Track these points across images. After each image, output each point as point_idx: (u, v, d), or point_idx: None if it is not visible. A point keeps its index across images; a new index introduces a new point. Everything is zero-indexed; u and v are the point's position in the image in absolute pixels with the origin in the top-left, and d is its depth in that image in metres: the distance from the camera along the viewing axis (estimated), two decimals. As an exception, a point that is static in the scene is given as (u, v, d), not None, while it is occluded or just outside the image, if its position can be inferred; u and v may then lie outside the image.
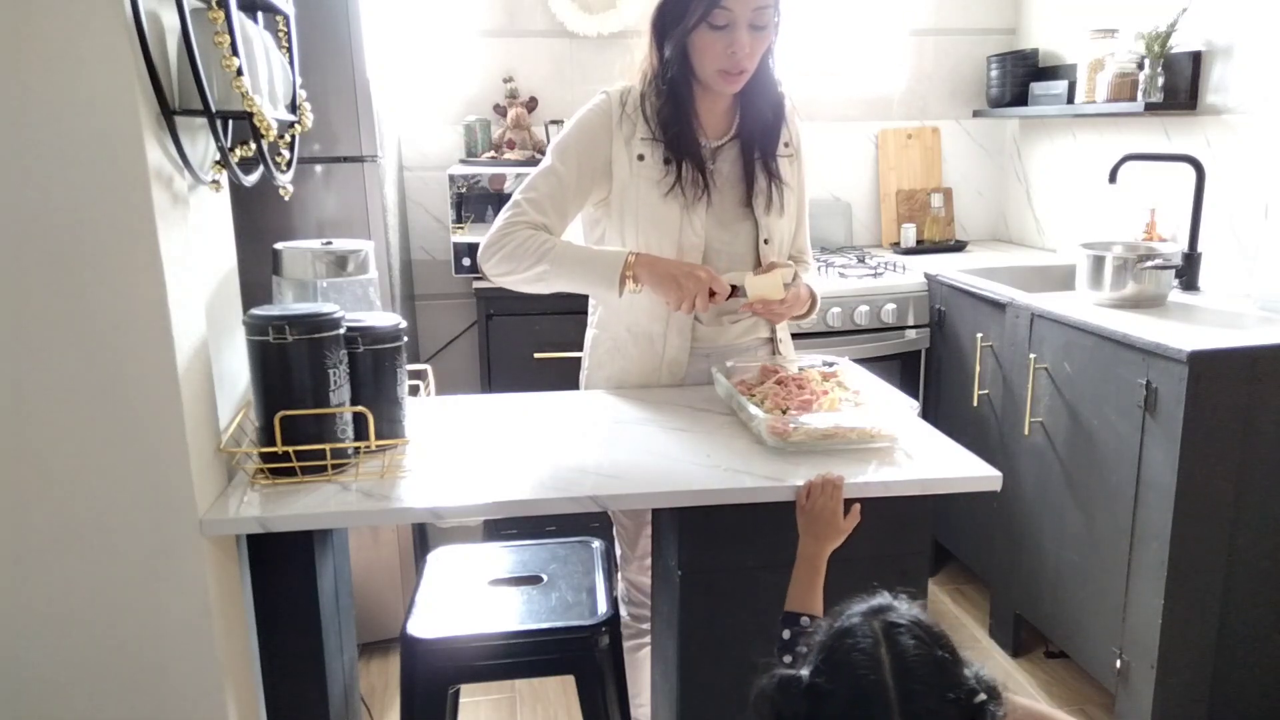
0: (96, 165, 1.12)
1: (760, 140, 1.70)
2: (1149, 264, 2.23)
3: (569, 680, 1.60)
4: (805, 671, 0.90)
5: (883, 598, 0.94)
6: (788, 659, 1.18)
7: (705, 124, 1.69)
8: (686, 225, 1.67)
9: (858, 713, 0.86)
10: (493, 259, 1.65)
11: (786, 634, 1.21)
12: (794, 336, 1.93)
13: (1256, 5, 2.30)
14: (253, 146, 1.29)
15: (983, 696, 0.87)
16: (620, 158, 1.66)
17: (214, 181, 1.31)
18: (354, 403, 1.39)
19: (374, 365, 1.42)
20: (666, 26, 1.61)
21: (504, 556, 1.73)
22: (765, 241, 1.72)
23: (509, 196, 2.76)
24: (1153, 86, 2.51)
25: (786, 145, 1.75)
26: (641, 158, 1.65)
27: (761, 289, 1.62)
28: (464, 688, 1.62)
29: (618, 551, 1.88)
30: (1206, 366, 1.86)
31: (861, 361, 1.87)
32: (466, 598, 1.57)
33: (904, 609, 0.92)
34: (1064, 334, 2.21)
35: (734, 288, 1.64)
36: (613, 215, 1.69)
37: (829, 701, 0.87)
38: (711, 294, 1.59)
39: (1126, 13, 2.70)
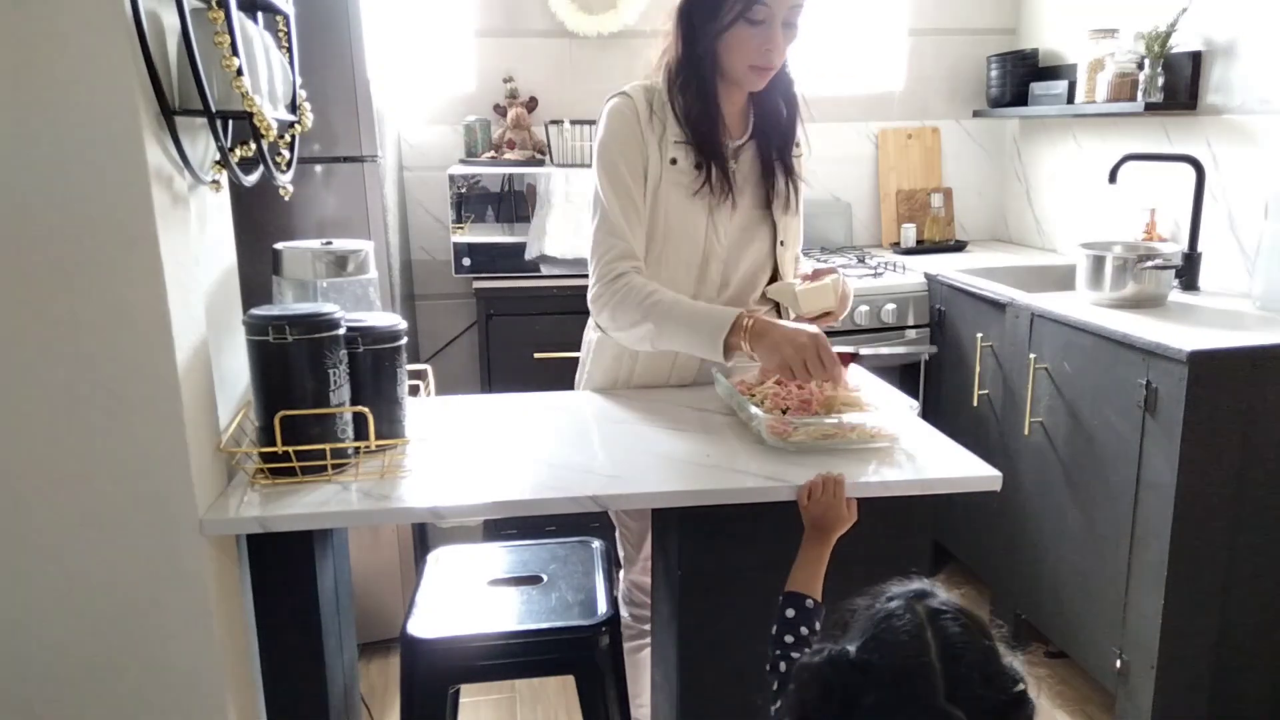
0: (96, 165, 1.12)
1: (777, 139, 1.69)
2: (1149, 264, 2.23)
3: (569, 680, 1.60)
4: (852, 647, 0.91)
5: (921, 582, 0.96)
6: (789, 639, 1.18)
7: (726, 122, 1.67)
8: (711, 230, 1.65)
9: (905, 690, 0.87)
10: (603, 313, 1.64)
11: (791, 612, 1.20)
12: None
13: (1256, 5, 2.30)
14: (253, 146, 1.29)
15: (1022, 685, 0.88)
16: (653, 157, 1.63)
17: (214, 181, 1.31)
18: (354, 403, 1.39)
19: (374, 365, 1.42)
20: (697, 22, 1.58)
21: (504, 556, 1.73)
22: (781, 244, 1.72)
23: (508, 198, 2.77)
24: (1153, 86, 2.51)
25: (797, 145, 1.74)
26: (674, 161, 1.63)
27: (814, 303, 1.59)
28: (464, 688, 1.62)
29: (620, 553, 1.88)
30: (1206, 366, 1.86)
31: (861, 361, 1.87)
32: (466, 598, 1.57)
33: (944, 595, 0.94)
34: (1064, 334, 2.21)
35: (851, 354, 1.55)
36: (643, 213, 1.67)
37: (877, 676, 0.89)
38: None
39: (1126, 13, 2.70)
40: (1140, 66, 2.56)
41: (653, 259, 1.66)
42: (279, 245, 1.57)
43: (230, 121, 1.27)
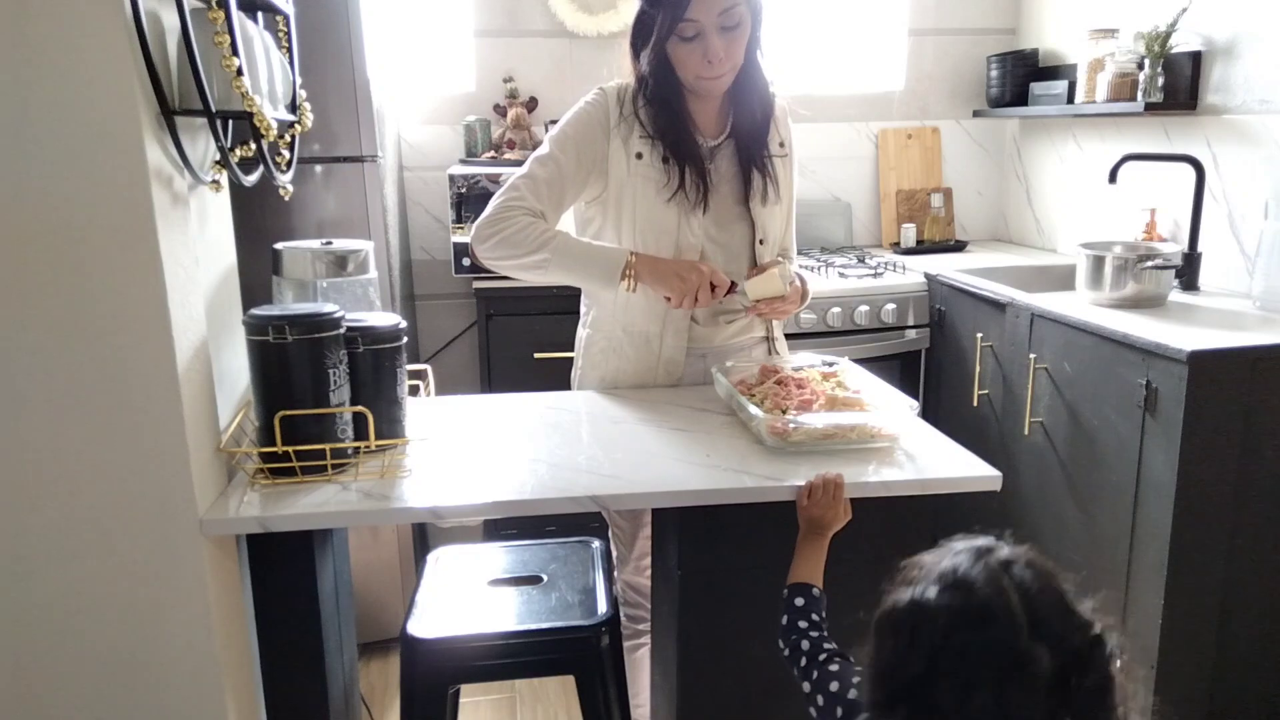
0: (96, 165, 1.12)
1: (754, 135, 1.70)
2: (1149, 264, 2.23)
3: (569, 680, 1.60)
4: (931, 593, 0.92)
5: (986, 538, 0.98)
6: (803, 623, 1.19)
7: (700, 122, 1.69)
8: (685, 226, 1.67)
9: (989, 633, 0.88)
10: (488, 242, 1.63)
11: (800, 601, 1.21)
12: (794, 336, 1.93)
13: (1256, 5, 2.30)
14: (253, 146, 1.29)
15: (1098, 627, 0.91)
16: (617, 156, 1.66)
17: (214, 181, 1.31)
18: (354, 403, 1.39)
19: (374, 365, 1.42)
20: (640, 43, 1.62)
21: (504, 556, 1.73)
22: (761, 241, 1.72)
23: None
24: (1153, 86, 2.51)
25: (782, 145, 1.75)
26: (640, 156, 1.65)
27: (762, 289, 1.63)
28: (464, 688, 1.62)
29: (614, 553, 1.88)
30: (1206, 366, 1.85)
31: (861, 361, 1.87)
32: (466, 598, 1.57)
33: (1010, 547, 0.97)
34: (1064, 334, 2.21)
35: (732, 283, 1.64)
36: (609, 214, 1.69)
37: (960, 619, 0.90)
38: (712, 288, 1.60)
39: (1126, 13, 2.70)
40: (1140, 66, 2.56)
41: None
42: (279, 245, 1.57)
43: (230, 121, 1.28)
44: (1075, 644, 0.89)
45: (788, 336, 1.92)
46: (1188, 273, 2.41)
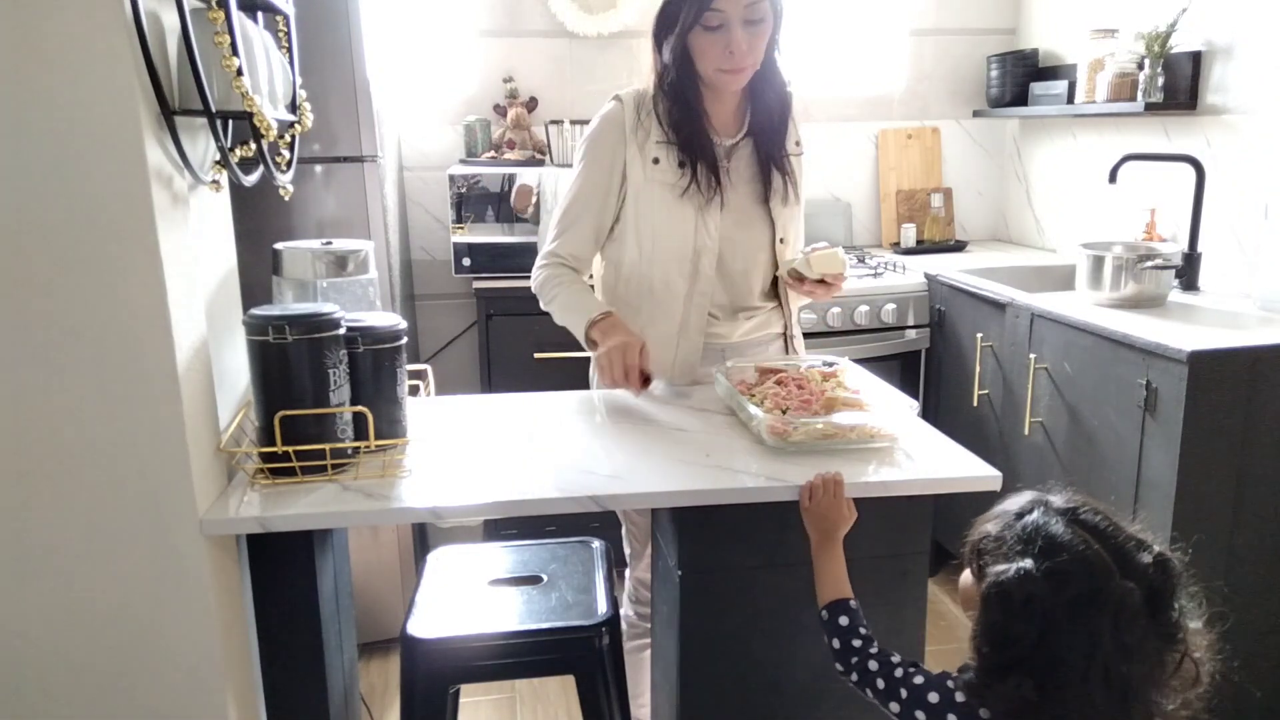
0: (96, 165, 1.12)
1: (772, 134, 1.71)
2: (1149, 264, 2.23)
3: (569, 680, 1.60)
4: (1028, 562, 0.98)
5: (1031, 493, 1.05)
6: (857, 642, 1.20)
7: (716, 122, 1.69)
8: (701, 227, 1.67)
9: (1091, 582, 0.96)
10: (538, 294, 1.77)
11: (845, 620, 1.22)
12: (793, 336, 1.93)
13: (1256, 5, 2.30)
14: (253, 146, 1.29)
15: (1157, 547, 1.00)
16: (635, 162, 1.67)
17: (214, 181, 1.31)
18: (354, 403, 1.39)
19: (374, 365, 1.42)
20: (663, 33, 1.62)
21: (504, 556, 1.72)
22: (781, 240, 1.72)
23: (509, 197, 2.77)
24: (1153, 86, 2.51)
25: (798, 144, 1.76)
26: (656, 161, 1.66)
27: (825, 265, 1.64)
28: (464, 688, 1.62)
29: (627, 550, 1.88)
30: (1206, 366, 1.86)
31: (861, 361, 1.87)
32: (466, 598, 1.57)
33: (1058, 496, 1.04)
34: (1064, 334, 2.21)
35: (646, 378, 1.62)
36: (627, 217, 1.70)
37: (1064, 578, 0.96)
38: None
39: (1126, 13, 2.70)
40: (1140, 66, 2.56)
41: (644, 257, 1.70)
42: (279, 245, 1.57)
43: (230, 121, 1.28)
44: (1151, 571, 0.97)
45: (801, 333, 1.92)
46: (1188, 273, 2.41)
